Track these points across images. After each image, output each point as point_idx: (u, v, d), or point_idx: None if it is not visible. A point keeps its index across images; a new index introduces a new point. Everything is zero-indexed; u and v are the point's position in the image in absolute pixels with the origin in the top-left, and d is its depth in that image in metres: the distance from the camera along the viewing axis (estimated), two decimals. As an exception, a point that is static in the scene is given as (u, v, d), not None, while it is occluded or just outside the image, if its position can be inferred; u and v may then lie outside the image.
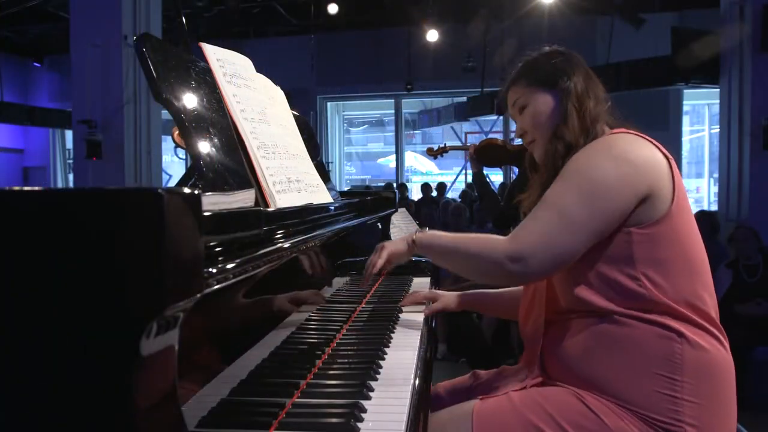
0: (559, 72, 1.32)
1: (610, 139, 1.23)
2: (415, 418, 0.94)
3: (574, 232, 1.14)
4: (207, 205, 0.65)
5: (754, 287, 3.87)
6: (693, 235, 1.21)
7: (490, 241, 1.22)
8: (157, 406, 0.57)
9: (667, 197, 1.18)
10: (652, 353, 1.12)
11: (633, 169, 1.16)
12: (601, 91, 1.34)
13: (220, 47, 1.25)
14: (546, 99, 1.33)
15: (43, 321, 0.52)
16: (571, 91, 1.29)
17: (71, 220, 0.52)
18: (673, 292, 1.14)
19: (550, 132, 1.31)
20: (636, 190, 1.15)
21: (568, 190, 1.17)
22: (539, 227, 1.17)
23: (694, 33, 6.75)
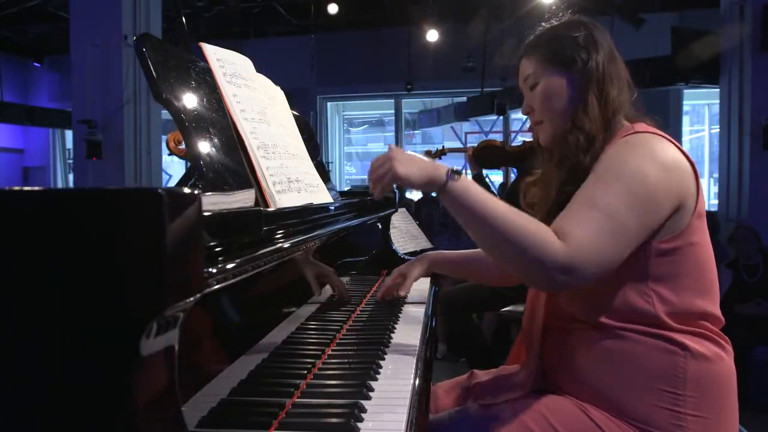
0: (580, 51, 1.20)
1: (643, 139, 1.13)
2: (415, 418, 0.94)
3: (622, 240, 1.04)
4: (207, 205, 0.65)
5: (754, 287, 3.87)
6: (707, 245, 1.16)
7: (538, 232, 1.02)
8: (157, 406, 0.57)
9: (691, 207, 1.12)
10: (654, 368, 1.09)
11: (671, 176, 1.09)
12: (625, 74, 1.24)
13: (220, 47, 1.25)
14: (561, 81, 1.22)
15: (44, 321, 0.52)
16: (592, 76, 1.19)
17: (71, 220, 0.52)
18: (683, 308, 1.11)
19: (561, 117, 1.22)
20: (674, 200, 1.09)
21: (617, 193, 1.05)
22: (596, 234, 1.02)
23: (694, 33, 6.74)
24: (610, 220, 1.03)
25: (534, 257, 1.01)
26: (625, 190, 1.05)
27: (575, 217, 1.05)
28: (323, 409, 0.90)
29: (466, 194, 1.07)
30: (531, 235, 1.02)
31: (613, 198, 1.05)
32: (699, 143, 12.58)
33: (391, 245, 2.12)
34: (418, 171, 1.11)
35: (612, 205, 1.04)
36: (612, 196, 1.05)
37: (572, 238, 1.01)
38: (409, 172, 1.10)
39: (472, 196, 1.07)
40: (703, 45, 6.30)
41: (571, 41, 1.21)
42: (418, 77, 10.22)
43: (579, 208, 1.06)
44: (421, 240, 3.14)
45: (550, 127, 1.25)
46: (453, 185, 1.08)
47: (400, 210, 2.89)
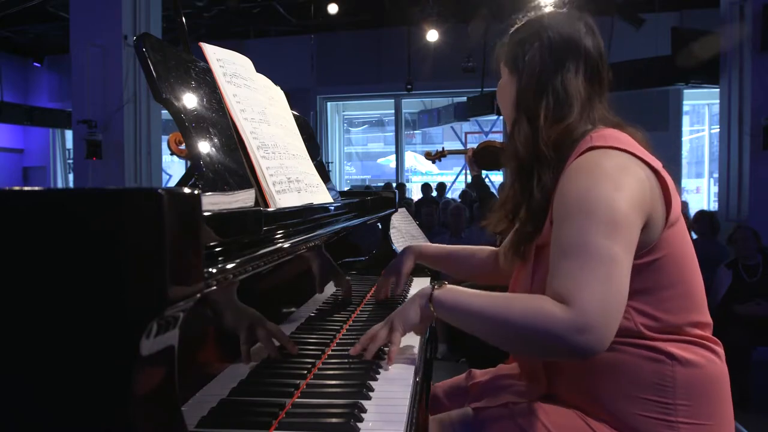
0: (520, 61, 1.20)
1: (592, 162, 1.06)
2: (415, 418, 0.94)
3: (619, 272, 0.97)
4: (207, 205, 0.65)
5: (753, 287, 3.87)
6: (685, 251, 1.11)
7: (540, 308, 0.96)
8: (157, 406, 0.57)
9: (661, 219, 1.06)
10: (641, 378, 1.06)
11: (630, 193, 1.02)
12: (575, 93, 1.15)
13: (220, 47, 1.25)
14: (510, 85, 1.24)
15: (44, 321, 0.52)
16: (526, 92, 1.18)
17: (71, 220, 0.52)
18: (665, 320, 1.07)
19: (506, 116, 1.26)
20: (641, 215, 1.03)
21: (592, 230, 0.98)
22: (593, 282, 0.95)
23: (694, 33, 6.74)
24: (600, 261, 0.96)
25: (546, 335, 0.95)
26: (600, 224, 0.98)
27: (566, 274, 0.98)
28: (323, 409, 0.90)
29: (455, 296, 1.08)
30: (528, 310, 0.97)
31: (592, 238, 0.98)
32: (699, 143, 12.58)
33: (391, 245, 2.12)
34: (408, 306, 1.14)
35: (594, 244, 0.97)
36: (590, 235, 0.98)
37: (572, 296, 0.95)
38: (403, 316, 1.13)
39: (461, 297, 1.07)
40: (703, 45, 6.30)
41: (520, 48, 1.21)
42: (418, 77, 10.22)
43: (565, 262, 0.99)
44: (421, 240, 3.14)
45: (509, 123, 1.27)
46: (440, 293, 1.09)
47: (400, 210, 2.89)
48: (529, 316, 0.96)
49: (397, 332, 1.12)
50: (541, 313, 0.95)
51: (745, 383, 3.25)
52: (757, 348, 3.70)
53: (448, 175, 12.81)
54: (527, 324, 0.96)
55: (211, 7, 9.32)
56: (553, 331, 0.93)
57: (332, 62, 11.04)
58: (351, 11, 9.60)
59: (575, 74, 1.17)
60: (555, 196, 1.08)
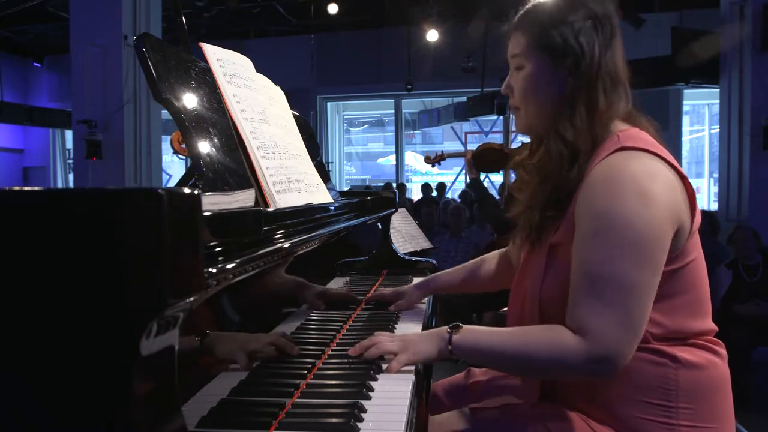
0: (575, 45, 1.07)
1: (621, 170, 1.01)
2: (415, 418, 0.94)
3: (640, 299, 0.97)
4: (207, 205, 0.65)
5: (754, 287, 3.87)
6: (700, 259, 1.09)
7: (557, 342, 0.99)
8: (157, 406, 0.57)
9: (687, 227, 1.04)
10: (643, 381, 1.05)
11: (663, 206, 1.00)
12: (623, 75, 1.11)
13: (220, 47, 1.25)
14: (548, 73, 1.10)
15: (44, 321, 0.52)
16: (584, 79, 1.07)
17: (71, 220, 0.52)
18: (673, 329, 1.06)
19: (539, 112, 1.13)
20: (672, 229, 1.01)
21: (615, 255, 0.97)
22: (611, 314, 0.96)
23: (694, 33, 6.74)
24: (620, 289, 0.97)
25: (565, 367, 1.00)
26: (622, 247, 0.97)
27: (582, 303, 0.99)
28: (323, 409, 0.90)
29: (474, 339, 1.08)
30: (546, 345, 1.01)
31: (612, 262, 0.97)
32: (699, 143, 12.58)
33: (391, 245, 2.12)
34: (426, 339, 1.12)
35: (614, 271, 0.97)
36: (610, 260, 0.97)
37: (588, 330, 0.97)
38: (419, 345, 1.10)
39: (481, 339, 1.08)
40: (703, 45, 6.30)
41: (567, 29, 1.07)
42: (418, 77, 10.22)
43: (583, 289, 0.99)
44: (420, 240, 3.14)
45: (525, 119, 1.17)
46: (459, 339, 1.08)
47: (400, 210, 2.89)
48: (547, 350, 1.00)
49: (405, 355, 1.09)
50: (558, 347, 0.99)
51: (745, 383, 3.25)
52: (757, 348, 3.70)
53: (448, 176, 12.81)
54: (546, 358, 1.01)
55: (211, 7, 9.32)
56: (571, 363, 0.98)
57: (332, 62, 11.04)
58: (351, 11, 9.60)
59: (619, 54, 1.10)
60: (580, 198, 1.04)
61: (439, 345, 1.10)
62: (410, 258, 2.15)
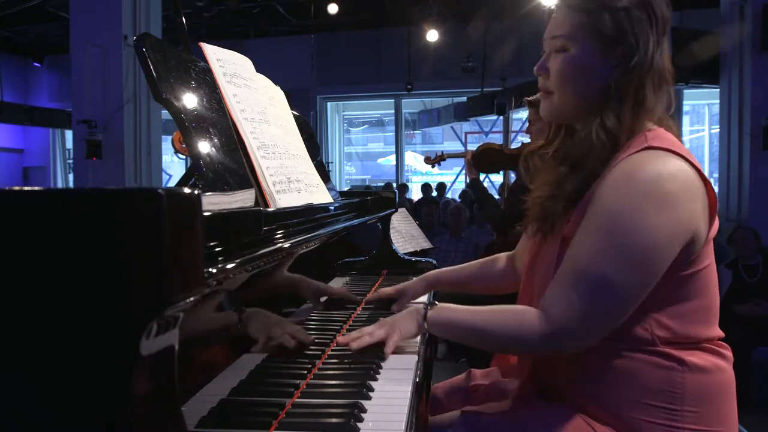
0: (628, 35, 1.03)
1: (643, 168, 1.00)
2: (415, 419, 0.94)
3: (620, 300, 0.98)
4: (207, 205, 0.65)
5: (754, 287, 3.87)
6: (713, 266, 1.09)
7: (519, 320, 1.05)
8: (157, 406, 0.57)
9: (704, 234, 1.03)
10: (649, 384, 1.04)
11: (679, 213, 0.98)
12: (669, 70, 1.09)
13: (220, 47, 1.25)
14: (596, 60, 1.06)
15: (43, 321, 0.52)
16: (634, 73, 1.04)
17: (71, 220, 0.52)
18: (682, 334, 1.05)
19: (577, 100, 1.09)
20: (684, 237, 1.00)
21: (608, 254, 0.97)
22: (577, 301, 0.98)
23: (694, 33, 6.74)
24: (599, 287, 0.98)
25: (521, 342, 1.07)
26: (616, 249, 0.97)
27: (559, 285, 1.02)
28: (323, 409, 0.90)
29: (447, 315, 1.15)
30: (512, 324, 1.07)
31: (601, 259, 0.98)
32: (699, 143, 12.58)
33: (391, 245, 2.12)
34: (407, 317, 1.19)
35: (600, 267, 0.98)
36: (601, 256, 0.98)
37: (551, 314, 1.02)
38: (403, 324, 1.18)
39: (453, 315, 1.15)
40: (703, 45, 6.30)
41: (623, 16, 1.03)
42: (418, 77, 10.22)
43: (564, 279, 1.01)
44: (420, 240, 3.14)
45: (559, 104, 1.12)
46: (433, 314, 1.16)
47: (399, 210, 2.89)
48: (509, 325, 1.07)
49: (396, 335, 1.17)
50: (520, 323, 1.05)
51: (745, 383, 3.25)
52: (757, 348, 3.70)
53: (448, 175, 12.81)
54: (506, 333, 1.07)
55: (211, 7, 9.32)
56: (525, 338, 1.04)
57: (332, 62, 11.04)
58: (351, 11, 9.60)
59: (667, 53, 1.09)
60: (598, 192, 1.03)
61: (418, 320, 1.17)
62: (410, 258, 2.15)
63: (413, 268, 2.08)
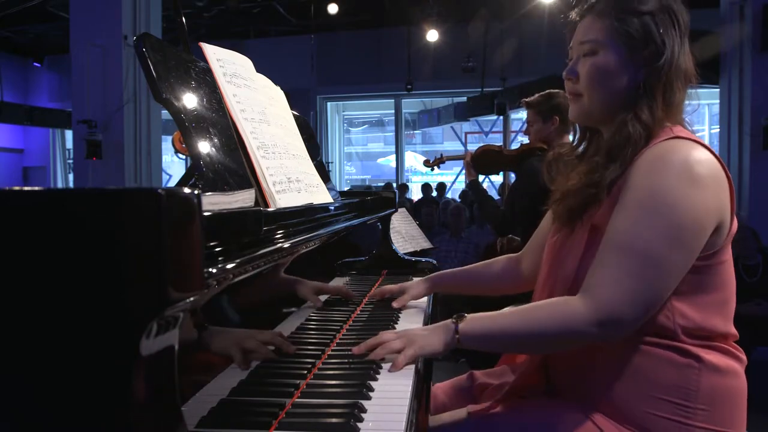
0: (656, 37, 1.07)
1: (678, 150, 1.03)
2: (415, 419, 0.94)
3: (666, 277, 1.00)
4: (207, 205, 0.65)
5: (754, 287, 3.87)
6: (731, 261, 1.11)
7: (563, 311, 1.03)
8: (157, 406, 0.57)
9: (728, 225, 1.06)
10: (665, 380, 1.05)
11: (709, 193, 1.01)
12: (692, 68, 1.13)
13: (220, 47, 1.25)
14: (625, 62, 1.09)
15: (43, 321, 0.52)
16: (663, 71, 1.07)
17: (71, 220, 0.52)
18: (702, 325, 1.06)
19: (607, 100, 1.12)
20: (714, 220, 1.02)
21: (652, 229, 0.99)
22: (626, 280, 0.99)
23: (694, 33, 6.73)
24: (646, 264, 0.99)
25: (569, 333, 1.02)
26: (660, 225, 0.99)
27: (603, 268, 1.02)
28: (323, 409, 0.90)
29: (481, 325, 1.09)
30: (553, 316, 1.04)
31: (646, 236, 0.99)
32: (699, 143, 12.56)
33: (391, 245, 2.12)
34: (432, 332, 1.11)
35: (646, 245, 0.99)
36: (645, 233, 0.99)
37: (596, 293, 1.00)
38: (425, 338, 1.10)
39: (487, 324, 1.09)
40: (703, 45, 6.30)
41: (649, 20, 1.08)
42: (418, 77, 10.23)
43: (609, 255, 1.02)
44: (420, 240, 3.14)
45: (590, 105, 1.15)
46: (466, 327, 1.09)
47: (399, 210, 2.89)
48: (554, 319, 1.03)
49: (411, 350, 1.08)
50: (565, 314, 1.02)
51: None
52: (757, 348, 3.70)
53: (448, 176, 12.81)
54: (554, 327, 1.03)
55: (211, 7, 9.32)
56: (578, 326, 1.00)
57: (332, 62, 11.04)
58: (351, 11, 9.61)
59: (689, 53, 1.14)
60: (629, 176, 1.05)
61: (446, 336, 1.10)
62: (410, 258, 2.15)
63: (413, 268, 2.08)
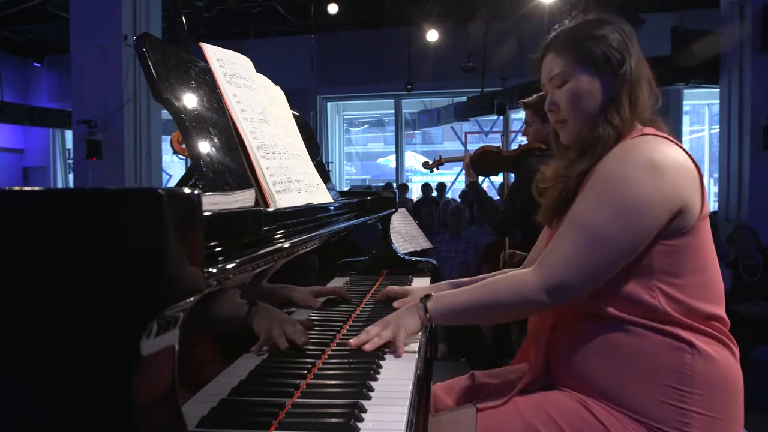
0: (614, 52, 1.19)
1: (641, 143, 1.14)
2: (415, 419, 0.94)
3: (609, 252, 1.08)
4: (207, 205, 0.65)
5: (753, 287, 3.87)
6: (710, 248, 1.17)
7: (517, 280, 1.16)
8: (157, 406, 0.57)
9: (696, 209, 1.13)
10: (662, 364, 1.09)
11: (666, 182, 1.09)
12: (649, 74, 1.24)
13: (220, 47, 1.25)
14: (593, 82, 1.21)
15: (44, 321, 0.52)
16: (626, 79, 1.19)
17: (71, 220, 0.52)
18: (687, 305, 1.11)
19: (588, 118, 1.22)
20: (671, 204, 1.09)
21: (600, 208, 1.10)
22: (571, 251, 1.10)
23: (694, 33, 6.74)
24: (591, 234, 1.09)
25: (521, 300, 1.14)
26: (609, 205, 1.09)
27: (555, 241, 1.14)
28: (323, 409, 0.90)
29: (446, 301, 1.22)
30: (508, 286, 1.17)
31: (595, 213, 1.10)
32: (699, 143, 12.58)
33: (391, 245, 2.12)
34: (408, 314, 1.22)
35: (593, 220, 1.10)
36: (594, 211, 1.10)
37: (545, 262, 1.13)
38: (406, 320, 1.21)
39: (452, 300, 1.22)
40: (703, 45, 6.31)
41: (603, 42, 1.20)
42: (418, 77, 10.22)
43: (562, 231, 1.14)
44: (420, 240, 3.14)
45: (575, 127, 1.25)
46: (433, 304, 1.22)
47: (399, 210, 2.89)
48: (509, 289, 1.16)
49: (402, 334, 1.18)
50: (517, 283, 1.14)
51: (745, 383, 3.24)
52: (757, 348, 3.70)
53: (448, 176, 12.81)
54: (510, 298, 1.15)
55: (211, 7, 9.32)
56: (527, 296, 1.12)
57: (332, 62, 11.04)
58: (351, 11, 9.61)
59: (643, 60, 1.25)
60: (596, 168, 1.16)
61: (419, 314, 1.22)
62: (410, 258, 2.15)
63: (413, 268, 2.09)
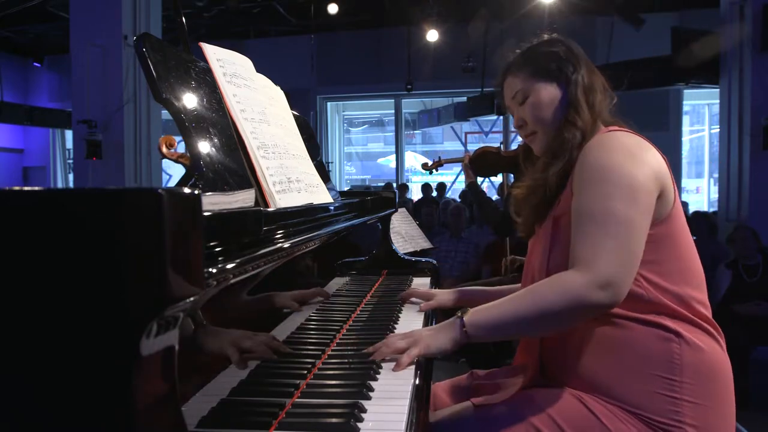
0: (565, 63, 1.29)
1: (613, 137, 1.20)
2: (415, 418, 0.94)
3: (637, 232, 1.10)
4: (207, 205, 0.65)
5: (753, 287, 3.87)
6: (687, 235, 1.22)
7: (563, 282, 1.08)
8: (157, 406, 0.57)
9: (671, 194, 1.18)
10: (651, 355, 1.12)
11: (645, 163, 1.15)
12: (602, 81, 1.32)
13: (220, 47, 1.25)
14: (551, 90, 1.29)
15: (43, 321, 0.52)
16: (579, 83, 1.27)
17: (71, 220, 0.52)
18: (671, 291, 1.14)
19: (553, 125, 1.28)
20: (655, 184, 1.14)
21: (608, 194, 1.10)
22: (604, 242, 1.07)
23: (694, 33, 6.74)
24: (618, 223, 1.08)
25: (575, 304, 1.06)
26: (615, 190, 1.11)
27: (582, 240, 1.10)
28: (323, 409, 0.90)
29: (485, 316, 1.14)
30: (553, 290, 1.08)
31: (607, 202, 1.10)
32: (699, 143, 12.58)
33: (391, 245, 2.12)
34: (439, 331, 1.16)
35: (610, 208, 1.09)
36: (606, 200, 1.10)
37: (588, 260, 1.07)
38: (431, 344, 1.13)
39: (491, 313, 1.14)
40: (703, 45, 6.30)
41: (554, 56, 1.30)
42: (418, 77, 10.22)
43: (586, 227, 1.11)
44: (420, 240, 3.14)
45: (544, 137, 1.31)
46: (471, 319, 1.14)
47: (399, 210, 2.89)
48: (556, 294, 1.07)
49: (416, 349, 1.12)
50: (565, 287, 1.06)
51: (745, 383, 3.25)
52: (757, 348, 3.70)
53: (448, 176, 12.80)
54: (558, 302, 1.06)
55: (211, 7, 9.32)
56: (581, 297, 1.05)
57: (332, 62, 11.03)
58: (351, 11, 9.60)
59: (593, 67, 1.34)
60: (578, 167, 1.19)
61: (453, 332, 1.14)
62: (410, 258, 2.15)
63: (413, 268, 2.09)
